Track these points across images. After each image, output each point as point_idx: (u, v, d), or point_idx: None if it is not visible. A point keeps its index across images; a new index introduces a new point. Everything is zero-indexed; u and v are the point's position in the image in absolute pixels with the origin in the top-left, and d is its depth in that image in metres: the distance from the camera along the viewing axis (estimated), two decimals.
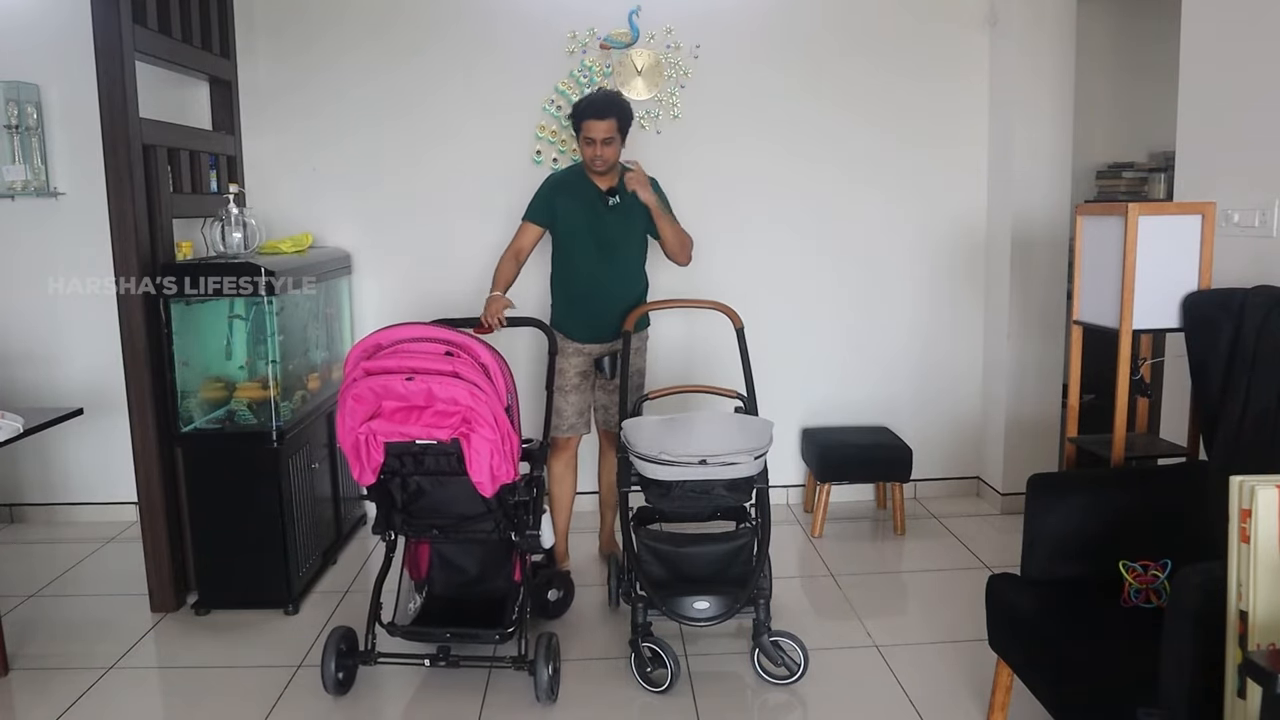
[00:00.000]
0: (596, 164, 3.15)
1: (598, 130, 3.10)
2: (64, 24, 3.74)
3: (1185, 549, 2.03)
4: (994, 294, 4.08)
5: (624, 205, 3.22)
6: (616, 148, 3.16)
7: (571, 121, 3.20)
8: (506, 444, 2.46)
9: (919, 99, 4.00)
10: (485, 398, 2.41)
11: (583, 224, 3.23)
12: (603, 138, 3.11)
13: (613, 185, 3.22)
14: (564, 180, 3.31)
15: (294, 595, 3.19)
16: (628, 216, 3.23)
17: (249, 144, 3.89)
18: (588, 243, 3.24)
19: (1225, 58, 2.86)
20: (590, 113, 3.11)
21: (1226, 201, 2.73)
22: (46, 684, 2.75)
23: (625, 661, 2.77)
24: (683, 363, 4.01)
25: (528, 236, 3.28)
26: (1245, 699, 1.53)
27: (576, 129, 3.17)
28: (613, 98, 3.20)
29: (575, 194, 3.24)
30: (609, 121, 3.10)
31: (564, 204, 3.24)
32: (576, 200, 3.23)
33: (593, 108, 3.12)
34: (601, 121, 3.09)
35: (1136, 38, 4.36)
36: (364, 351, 2.52)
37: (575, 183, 3.27)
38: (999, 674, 2.37)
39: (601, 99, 3.16)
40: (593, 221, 3.23)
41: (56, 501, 4.14)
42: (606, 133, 3.10)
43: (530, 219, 3.28)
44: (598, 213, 3.22)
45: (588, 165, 3.21)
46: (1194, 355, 2.38)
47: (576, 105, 3.18)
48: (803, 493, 4.19)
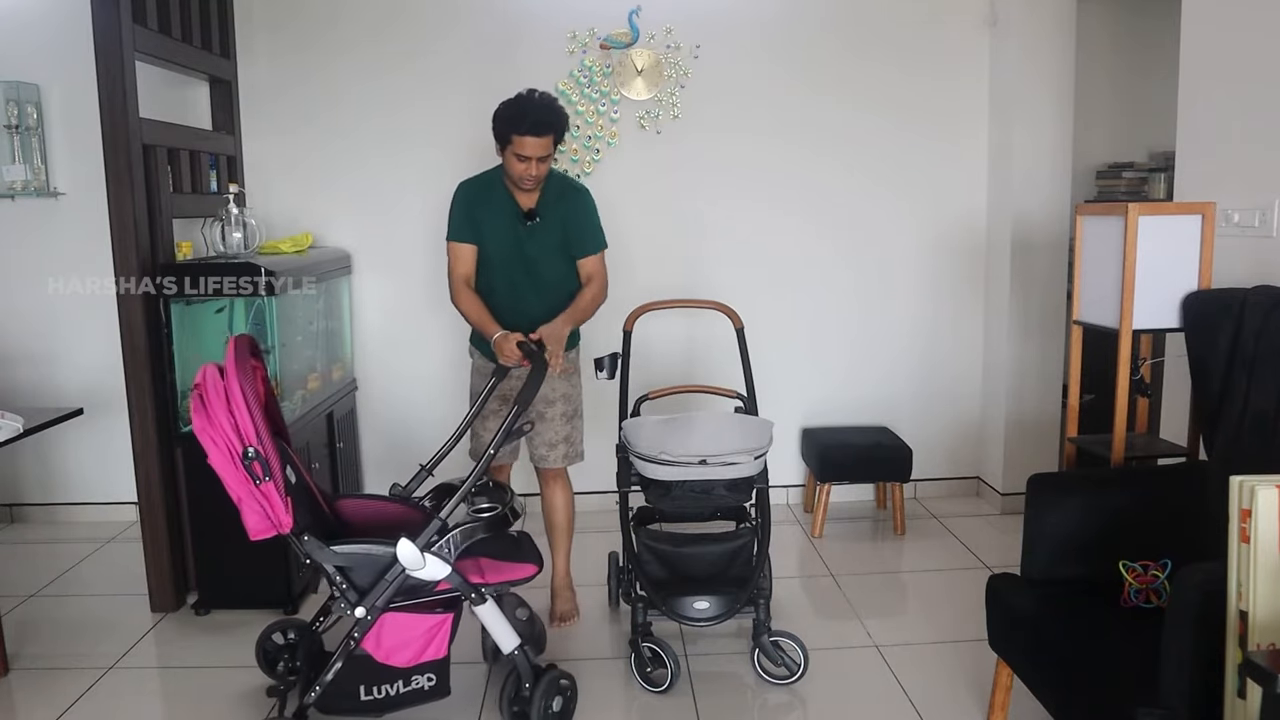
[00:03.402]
0: (526, 183, 2.74)
1: (533, 148, 2.65)
2: (64, 24, 3.74)
3: (1185, 549, 2.03)
4: (994, 294, 4.08)
5: (543, 224, 2.85)
6: (549, 163, 2.76)
7: (496, 129, 2.70)
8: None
9: (919, 99, 4.00)
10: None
11: (505, 243, 2.85)
12: (539, 156, 2.68)
13: (533, 207, 2.82)
14: (479, 193, 2.88)
15: (294, 595, 3.19)
16: (548, 235, 2.86)
17: (249, 144, 3.89)
18: (509, 262, 2.86)
19: (1225, 58, 2.86)
20: (524, 128, 2.63)
21: (1226, 201, 2.73)
22: (46, 684, 2.75)
23: (625, 661, 2.77)
24: (683, 363, 4.01)
25: (468, 260, 2.86)
26: (1245, 699, 1.53)
27: (504, 140, 2.70)
28: (551, 109, 2.69)
29: (495, 206, 2.85)
30: (547, 139, 2.67)
31: (485, 220, 2.84)
32: (497, 217, 2.84)
33: (526, 122, 2.63)
34: (540, 139, 2.65)
35: (1136, 38, 4.36)
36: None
37: (493, 193, 2.85)
38: (999, 674, 2.37)
39: (538, 109, 2.66)
40: (514, 241, 2.85)
41: (56, 501, 4.14)
42: (543, 150, 2.67)
43: (458, 239, 2.86)
44: (517, 231, 2.84)
45: (514, 182, 2.78)
46: (1194, 355, 2.38)
47: (506, 114, 2.67)
48: (803, 493, 4.19)
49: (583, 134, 3.93)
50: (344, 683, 2.33)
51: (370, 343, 4.06)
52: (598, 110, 3.92)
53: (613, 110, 3.92)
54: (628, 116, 3.94)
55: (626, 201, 3.97)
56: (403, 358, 4.03)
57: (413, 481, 2.71)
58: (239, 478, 2.20)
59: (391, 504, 2.63)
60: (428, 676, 2.37)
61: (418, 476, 2.72)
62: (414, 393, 4.06)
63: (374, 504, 2.64)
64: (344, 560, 2.30)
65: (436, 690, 2.39)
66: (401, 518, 2.57)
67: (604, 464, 3.21)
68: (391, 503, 2.64)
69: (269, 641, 2.71)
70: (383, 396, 4.09)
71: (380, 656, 2.32)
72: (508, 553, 2.50)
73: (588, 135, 3.93)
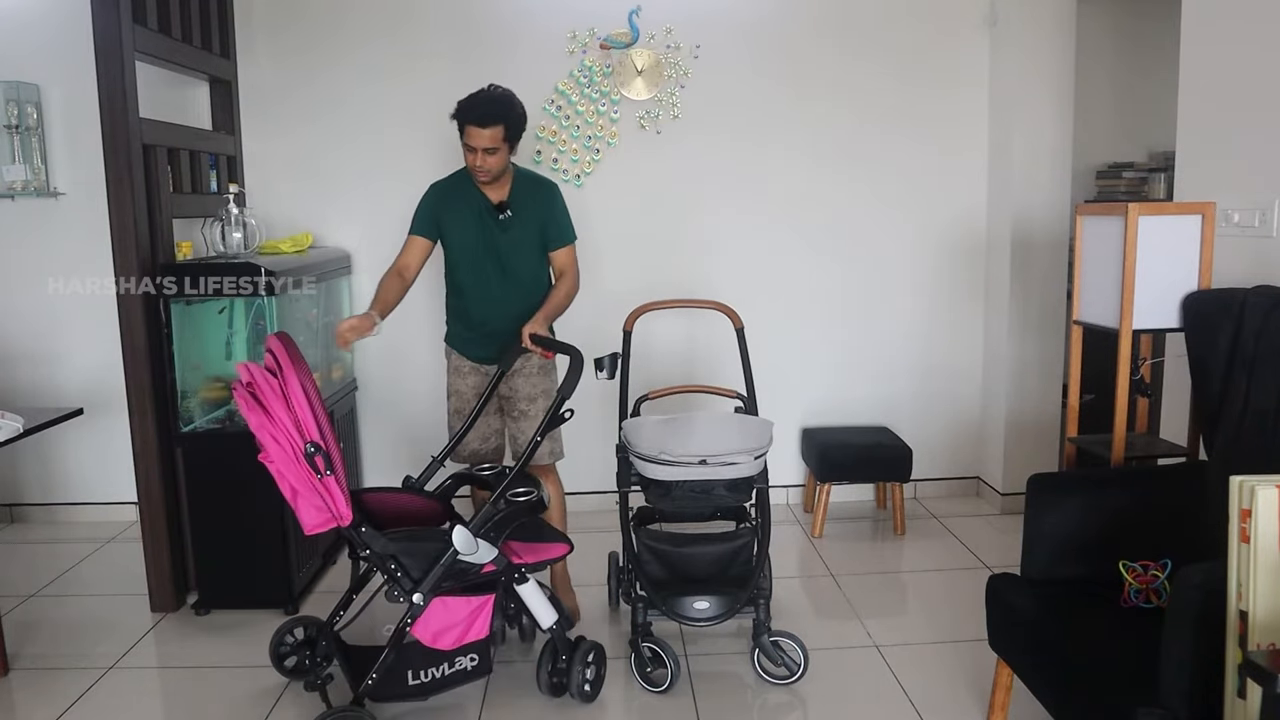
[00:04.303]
0: (480, 175, 2.77)
1: (480, 138, 2.68)
2: (64, 24, 3.74)
3: (1185, 549, 2.03)
4: (994, 294, 4.08)
5: (516, 219, 2.85)
6: (503, 157, 2.75)
7: (455, 118, 2.75)
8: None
9: (919, 99, 4.00)
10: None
11: (473, 238, 2.87)
12: (485, 146, 2.69)
13: (503, 200, 2.85)
14: (450, 189, 2.91)
15: (294, 595, 3.19)
16: (522, 230, 2.87)
17: (249, 144, 3.89)
18: (480, 258, 2.88)
19: (1225, 58, 2.86)
20: (471, 118, 2.67)
21: (1226, 201, 2.73)
22: (46, 684, 2.75)
23: (625, 661, 2.77)
24: (683, 363, 4.01)
25: (414, 252, 2.89)
26: (1245, 699, 1.53)
27: (460, 131, 2.74)
28: (500, 101, 2.72)
29: (463, 204, 2.87)
30: (493, 130, 2.67)
31: (452, 215, 2.87)
32: (465, 211, 2.86)
33: (474, 112, 2.67)
34: (485, 130, 2.67)
35: (1136, 38, 4.36)
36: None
37: (463, 192, 2.87)
38: (999, 674, 2.37)
39: (485, 102, 2.70)
40: (484, 235, 2.86)
41: (56, 501, 4.14)
42: (490, 142, 2.69)
43: (417, 232, 2.90)
44: (488, 226, 2.85)
45: (471, 174, 2.82)
46: (1194, 355, 2.38)
47: (461, 104, 2.73)
48: (803, 493, 4.19)
49: (583, 134, 3.93)
50: (392, 669, 2.39)
51: (370, 343, 4.04)
52: (598, 110, 3.92)
53: (613, 110, 3.93)
54: (628, 116, 3.94)
55: (626, 201, 3.98)
56: (402, 358, 4.03)
57: (425, 473, 2.77)
58: (300, 473, 2.23)
59: (409, 496, 2.69)
60: (470, 657, 2.46)
61: (430, 468, 2.78)
62: (414, 393, 4.06)
63: (393, 496, 2.68)
64: (399, 549, 2.37)
65: (479, 669, 2.49)
66: (424, 508, 2.65)
67: (604, 464, 3.21)
68: (408, 495, 2.70)
69: (284, 640, 2.73)
70: (383, 396, 4.09)
71: (427, 640, 2.39)
72: (535, 535, 2.59)
73: (588, 135, 3.93)
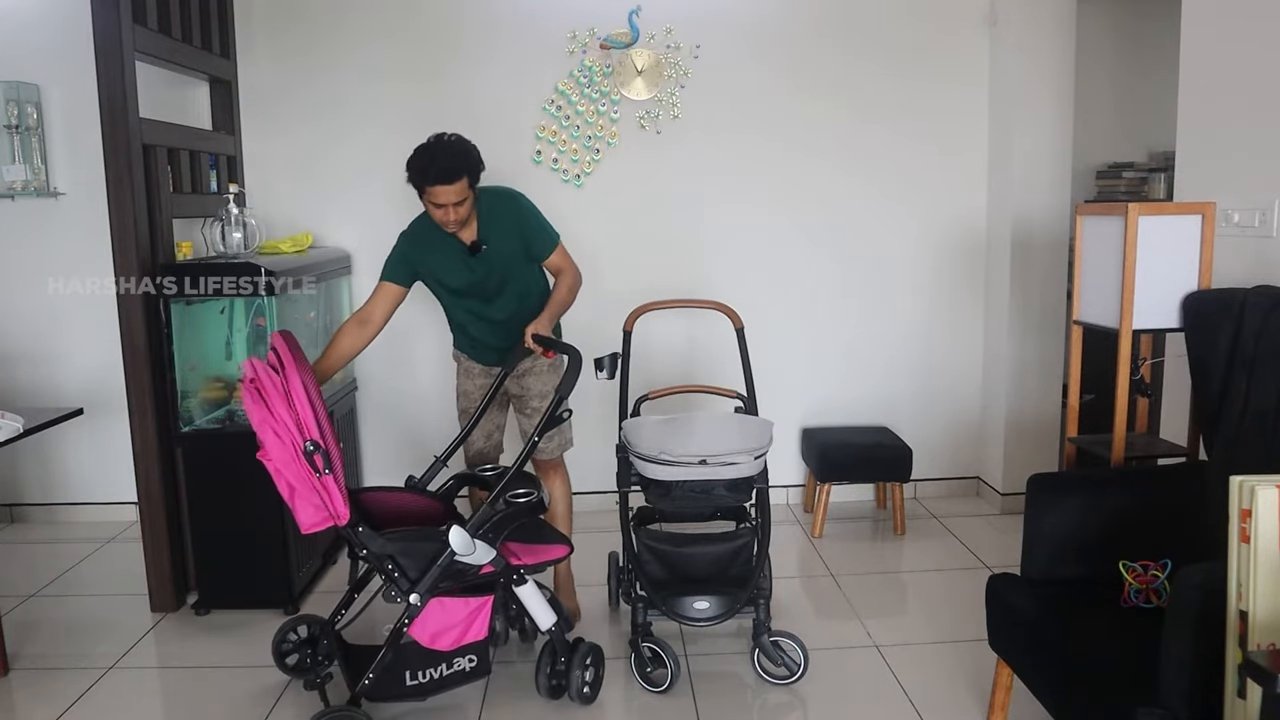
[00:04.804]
0: (449, 227, 2.70)
1: (446, 195, 2.60)
2: (64, 24, 3.74)
3: (1185, 549, 2.03)
4: (994, 294, 4.08)
5: (493, 249, 2.80)
6: (470, 203, 2.68)
7: (410, 179, 2.65)
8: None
9: (919, 99, 4.00)
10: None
11: (461, 280, 2.84)
12: (453, 202, 2.62)
13: (474, 239, 2.79)
14: (421, 237, 2.84)
15: (294, 595, 3.19)
16: (502, 255, 2.82)
17: (249, 144, 3.89)
18: (470, 296, 2.88)
19: (1225, 58, 2.86)
20: (435, 178, 2.58)
21: (1226, 201, 2.73)
22: (46, 684, 2.75)
23: (625, 661, 2.77)
24: (683, 363, 4.01)
25: (384, 299, 2.80)
26: (1245, 699, 1.53)
27: (419, 190, 2.65)
28: (455, 153, 2.63)
29: (440, 252, 2.81)
30: (459, 184, 2.60)
31: (434, 263, 2.83)
32: (443, 258, 2.82)
33: (433, 172, 2.58)
34: (450, 186, 2.59)
35: (1136, 38, 4.36)
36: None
37: (435, 238, 2.79)
38: (999, 674, 2.37)
39: (443, 158, 2.60)
40: (469, 275, 2.83)
41: (56, 501, 4.14)
42: (457, 196, 2.62)
43: (389, 279, 2.82)
44: (471, 267, 2.81)
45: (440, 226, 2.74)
46: (1194, 355, 2.38)
47: (414, 165, 2.62)
48: (803, 493, 4.19)
49: (583, 134, 3.93)
50: (389, 669, 2.38)
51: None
52: (598, 110, 3.92)
53: (613, 110, 3.92)
54: (628, 116, 3.94)
55: (626, 201, 3.98)
56: (402, 358, 4.03)
57: (428, 473, 2.76)
58: (299, 471, 2.22)
59: (411, 495, 2.68)
60: (469, 658, 2.45)
61: (433, 467, 2.78)
62: (414, 393, 4.06)
63: (394, 496, 2.68)
64: (396, 549, 2.36)
65: (478, 670, 2.48)
66: (425, 508, 2.64)
67: (604, 464, 3.21)
68: (409, 494, 2.69)
69: (286, 637, 2.74)
70: (383, 396, 4.09)
71: (425, 641, 2.38)
72: (534, 537, 2.58)
73: (588, 135, 3.94)
